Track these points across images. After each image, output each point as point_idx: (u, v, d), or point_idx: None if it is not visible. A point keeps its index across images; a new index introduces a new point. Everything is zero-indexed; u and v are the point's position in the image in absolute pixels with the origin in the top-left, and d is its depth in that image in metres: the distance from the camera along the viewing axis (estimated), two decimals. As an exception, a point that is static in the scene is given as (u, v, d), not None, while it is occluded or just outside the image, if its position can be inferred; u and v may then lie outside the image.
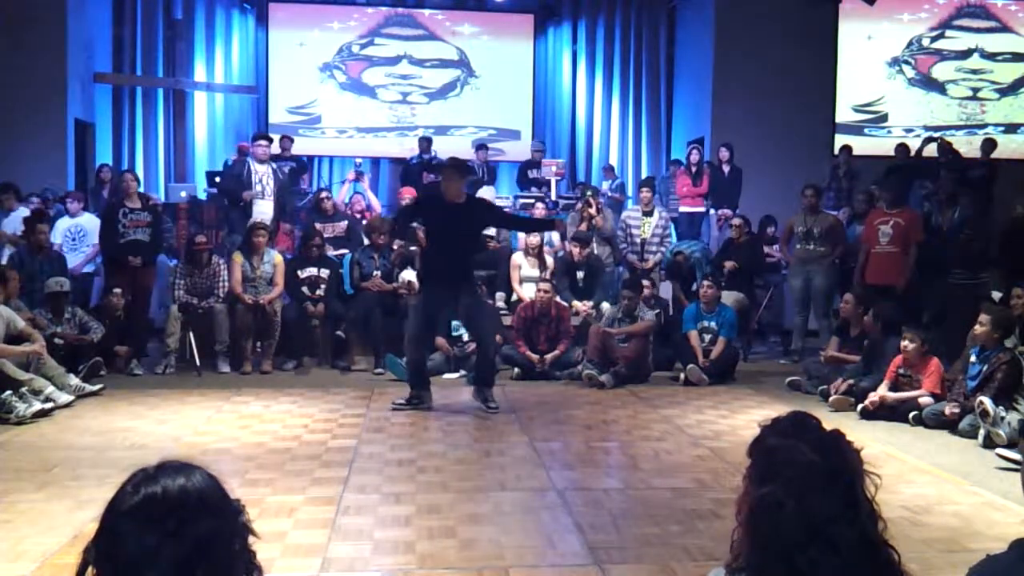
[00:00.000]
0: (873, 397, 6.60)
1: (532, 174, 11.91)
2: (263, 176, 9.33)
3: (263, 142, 9.63)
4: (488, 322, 7.12)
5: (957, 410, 6.17)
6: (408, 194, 9.87)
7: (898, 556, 1.56)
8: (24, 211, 9.01)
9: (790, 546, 1.50)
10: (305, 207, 10.73)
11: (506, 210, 9.03)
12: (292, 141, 11.93)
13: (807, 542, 1.50)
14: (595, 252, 9.31)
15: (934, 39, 13.64)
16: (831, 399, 6.96)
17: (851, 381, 6.96)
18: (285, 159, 11.54)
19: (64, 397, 6.63)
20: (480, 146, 12.19)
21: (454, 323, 8.46)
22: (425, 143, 11.74)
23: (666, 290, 9.58)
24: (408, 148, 12.89)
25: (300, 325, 8.56)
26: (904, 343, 6.63)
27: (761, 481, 1.58)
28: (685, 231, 10.70)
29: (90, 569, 1.35)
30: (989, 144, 11.21)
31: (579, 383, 7.82)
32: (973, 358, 6.33)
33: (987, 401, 5.72)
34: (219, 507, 1.39)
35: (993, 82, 13.72)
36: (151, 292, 8.85)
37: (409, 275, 8.84)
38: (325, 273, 8.73)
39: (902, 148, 11.25)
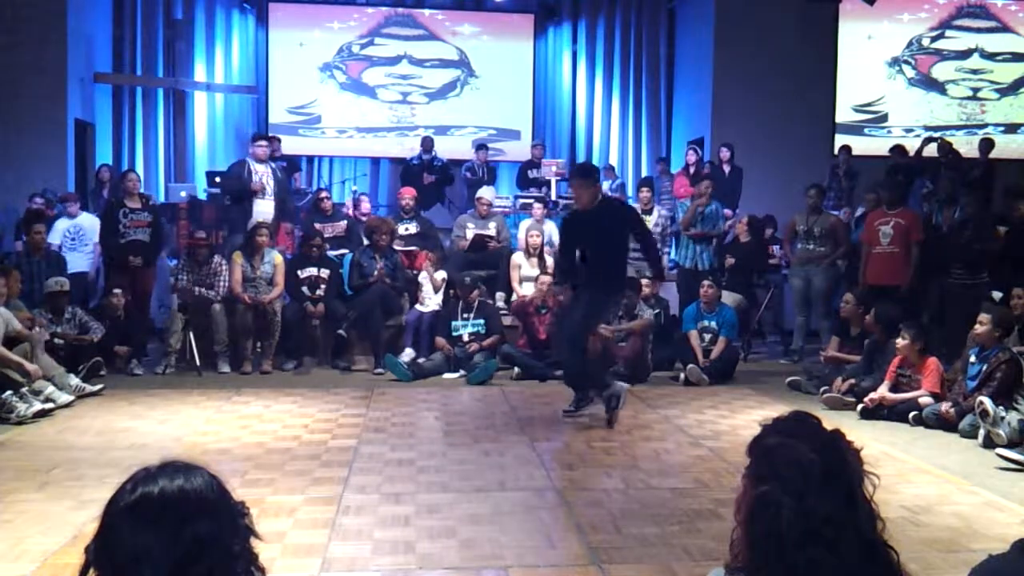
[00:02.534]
0: (873, 395, 6.61)
1: (532, 174, 11.91)
2: (263, 176, 9.30)
3: (262, 142, 9.59)
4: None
5: (952, 410, 6.17)
6: (408, 194, 9.85)
7: (897, 557, 1.56)
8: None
9: (788, 545, 1.50)
10: (305, 207, 10.72)
11: (649, 228, 8.02)
12: (279, 141, 11.84)
13: (805, 542, 1.50)
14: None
15: (934, 39, 13.64)
16: (825, 397, 6.97)
17: (852, 381, 6.96)
18: (275, 159, 11.53)
19: (64, 397, 6.63)
20: (480, 146, 12.19)
21: (453, 323, 8.47)
22: (428, 143, 11.72)
23: (667, 290, 9.57)
24: (408, 148, 12.90)
25: (300, 325, 8.56)
26: (898, 340, 6.64)
27: (759, 480, 1.58)
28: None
29: (92, 570, 1.36)
30: (987, 144, 11.22)
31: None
32: (972, 358, 6.33)
33: (987, 401, 5.72)
34: (218, 509, 1.39)
35: (993, 82, 13.72)
36: (151, 292, 8.86)
37: (440, 275, 8.87)
38: (325, 273, 8.72)
39: (898, 149, 11.28)
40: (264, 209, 9.23)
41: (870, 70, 13.44)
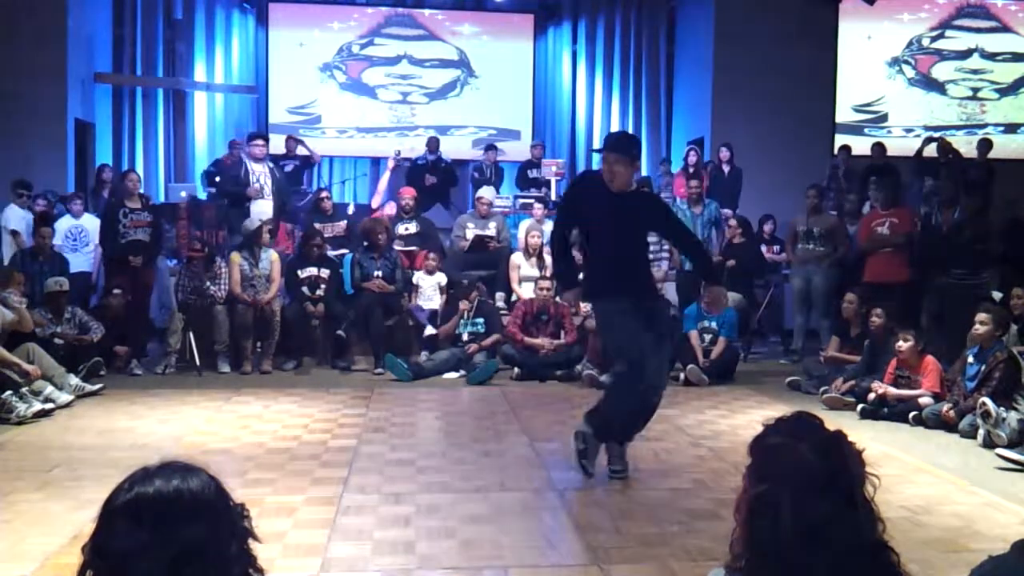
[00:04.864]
0: (875, 385, 6.60)
1: (532, 174, 11.91)
2: (260, 175, 9.27)
3: (259, 141, 9.56)
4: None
5: (952, 410, 6.16)
6: (408, 194, 9.85)
7: (897, 558, 1.56)
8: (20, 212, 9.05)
9: (786, 546, 1.50)
10: (305, 207, 10.72)
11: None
12: (297, 143, 11.77)
13: (803, 542, 1.49)
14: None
15: (934, 39, 13.64)
16: (825, 397, 6.96)
17: (852, 381, 6.96)
18: (291, 159, 11.54)
19: (64, 397, 6.63)
20: (489, 147, 12.19)
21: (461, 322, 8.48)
22: (433, 143, 11.70)
23: (668, 291, 9.57)
24: (408, 148, 12.89)
25: (300, 325, 8.56)
26: (899, 343, 6.63)
27: (759, 480, 1.58)
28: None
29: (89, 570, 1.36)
30: (985, 144, 11.24)
31: (579, 383, 7.81)
32: (970, 358, 6.32)
33: (989, 402, 5.71)
34: (214, 510, 1.39)
35: (993, 82, 13.72)
36: (151, 292, 8.85)
37: (429, 280, 8.85)
38: (325, 273, 8.72)
39: (879, 147, 11.33)
40: (263, 209, 9.20)
41: (870, 70, 13.43)
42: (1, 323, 6.70)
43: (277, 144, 12.21)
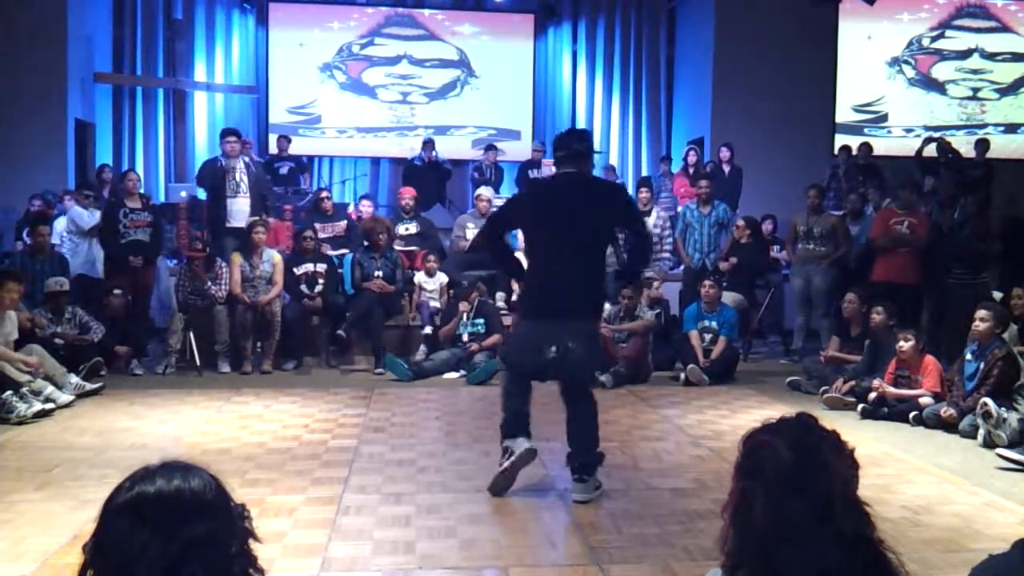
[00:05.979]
0: (875, 383, 6.60)
1: (532, 174, 11.91)
2: (237, 172, 9.02)
3: (231, 138, 9.12)
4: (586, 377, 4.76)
5: (953, 412, 6.16)
6: (408, 194, 9.85)
7: (888, 556, 1.56)
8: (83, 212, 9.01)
9: (765, 542, 1.51)
10: (305, 207, 10.72)
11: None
12: (289, 141, 11.87)
13: (780, 539, 1.50)
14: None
15: (934, 39, 13.65)
16: (825, 397, 6.96)
17: (853, 381, 6.96)
18: (283, 159, 11.54)
19: (64, 397, 6.63)
20: (489, 147, 12.19)
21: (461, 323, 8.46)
22: (429, 144, 11.71)
23: (667, 290, 9.57)
24: (408, 148, 12.89)
25: (300, 325, 8.56)
26: (901, 343, 6.62)
27: (742, 477, 1.59)
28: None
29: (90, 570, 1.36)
30: (983, 144, 11.25)
31: (579, 383, 7.80)
32: (968, 356, 6.31)
33: (990, 402, 5.71)
34: (215, 510, 1.39)
35: (993, 82, 13.74)
36: (151, 292, 8.85)
37: (432, 282, 8.83)
38: (322, 268, 8.70)
39: (865, 147, 11.37)
40: (241, 207, 8.97)
41: (870, 70, 13.45)
42: (3, 342, 6.70)
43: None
